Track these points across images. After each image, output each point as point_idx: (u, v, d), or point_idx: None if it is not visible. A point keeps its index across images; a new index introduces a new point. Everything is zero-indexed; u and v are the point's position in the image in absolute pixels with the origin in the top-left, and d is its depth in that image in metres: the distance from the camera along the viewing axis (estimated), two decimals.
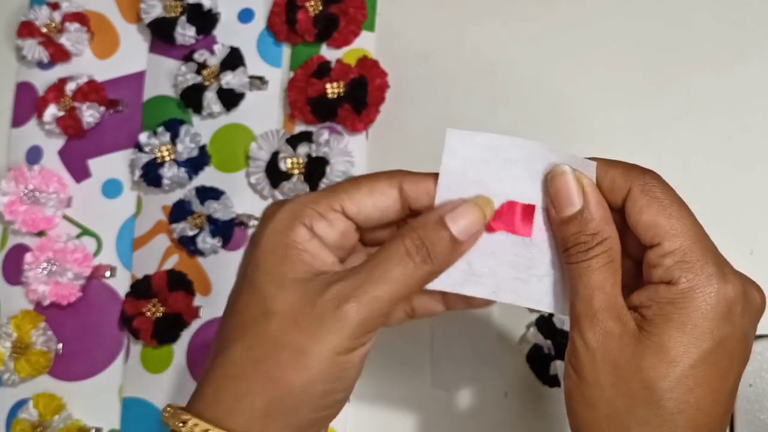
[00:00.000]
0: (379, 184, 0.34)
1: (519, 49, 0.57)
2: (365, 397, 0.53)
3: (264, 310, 0.32)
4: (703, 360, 0.30)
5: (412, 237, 0.32)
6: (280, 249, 0.33)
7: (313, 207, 0.33)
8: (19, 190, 0.57)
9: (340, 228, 0.34)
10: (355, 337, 0.31)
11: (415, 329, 0.53)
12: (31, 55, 0.60)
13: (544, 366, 0.50)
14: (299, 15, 0.57)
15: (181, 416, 0.32)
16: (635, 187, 0.32)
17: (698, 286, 0.30)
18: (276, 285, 0.32)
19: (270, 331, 0.32)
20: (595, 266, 0.31)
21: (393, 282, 0.31)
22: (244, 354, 0.32)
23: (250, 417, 0.31)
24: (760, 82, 0.54)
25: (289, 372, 0.31)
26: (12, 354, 0.55)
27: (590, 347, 0.31)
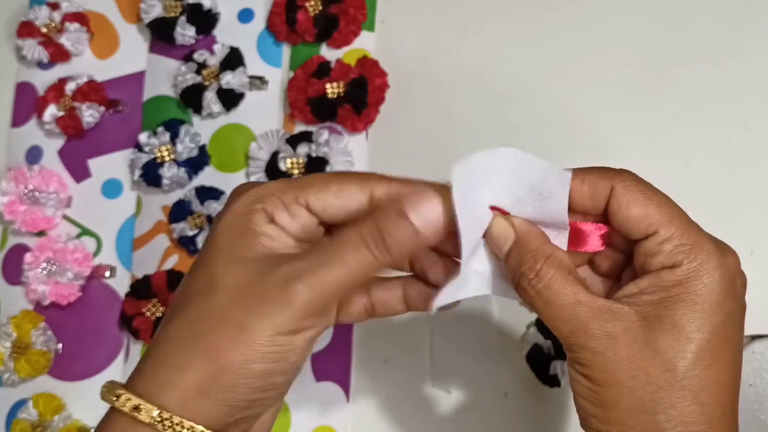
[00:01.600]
0: (348, 187, 0.33)
1: (519, 49, 0.57)
2: (365, 397, 0.53)
3: (210, 284, 0.32)
4: (717, 334, 0.30)
5: (369, 226, 0.31)
6: (236, 229, 0.32)
7: (278, 195, 0.33)
8: (19, 190, 0.57)
9: (301, 221, 0.33)
10: (299, 319, 0.31)
11: (415, 329, 0.53)
12: (31, 55, 0.60)
13: (544, 366, 0.50)
14: (299, 15, 0.57)
15: (115, 390, 0.31)
16: (617, 186, 0.32)
17: (702, 264, 0.31)
18: (226, 261, 0.32)
19: (213, 306, 0.31)
20: (557, 286, 0.31)
21: (344, 266, 0.31)
22: (185, 327, 0.31)
23: (184, 393, 0.30)
24: (760, 82, 0.54)
25: (228, 347, 0.30)
26: (12, 354, 0.55)
27: (597, 352, 0.31)
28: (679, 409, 0.30)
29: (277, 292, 0.30)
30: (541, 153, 0.38)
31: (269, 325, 0.30)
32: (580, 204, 0.33)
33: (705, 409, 0.30)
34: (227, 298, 0.31)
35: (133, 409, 0.30)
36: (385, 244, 0.31)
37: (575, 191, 0.33)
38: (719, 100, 0.54)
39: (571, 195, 0.33)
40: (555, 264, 0.32)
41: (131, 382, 0.32)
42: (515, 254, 0.32)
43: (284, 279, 0.31)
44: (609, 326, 0.31)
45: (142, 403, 0.30)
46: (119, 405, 0.31)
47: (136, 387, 0.31)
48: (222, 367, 0.30)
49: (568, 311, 0.31)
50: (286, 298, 0.30)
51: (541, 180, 0.33)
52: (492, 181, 0.33)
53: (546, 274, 0.31)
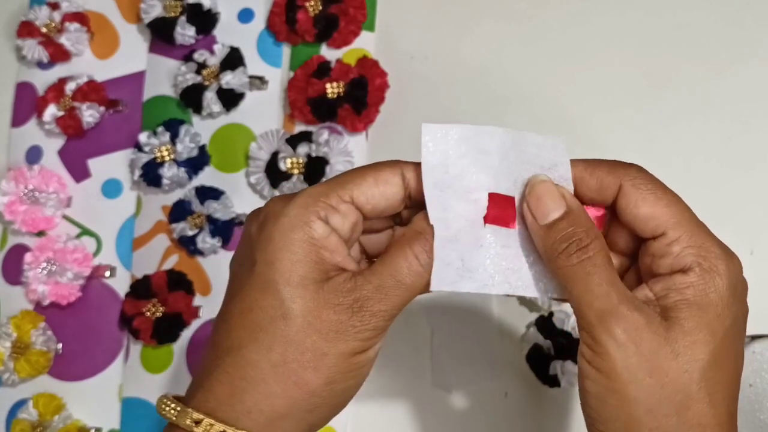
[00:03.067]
0: (383, 173, 0.34)
1: (519, 49, 0.57)
2: (365, 397, 0.53)
3: (283, 311, 0.32)
4: (727, 337, 0.31)
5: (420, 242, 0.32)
6: (296, 246, 0.32)
7: (324, 200, 0.33)
8: (19, 190, 0.57)
9: (351, 220, 0.34)
10: (370, 339, 0.33)
11: (415, 329, 0.54)
12: (31, 55, 0.60)
13: (544, 366, 0.50)
14: (299, 15, 0.57)
15: (192, 415, 0.32)
16: (626, 183, 0.32)
17: (712, 268, 0.31)
18: (294, 286, 0.32)
19: (290, 334, 0.32)
20: (600, 263, 0.31)
21: (404, 289, 0.32)
22: (263, 355, 0.32)
23: (269, 418, 0.32)
24: (760, 83, 0.54)
25: (310, 374, 0.32)
26: (12, 354, 0.55)
27: (621, 343, 0.30)
28: (695, 410, 0.30)
29: (348, 320, 0.32)
30: None
31: (346, 349, 0.32)
32: (587, 196, 0.33)
33: (717, 410, 0.31)
34: (303, 327, 0.32)
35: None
36: None
37: (583, 183, 0.33)
38: (719, 101, 0.54)
39: (579, 187, 0.33)
40: (602, 244, 0.32)
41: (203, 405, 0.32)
42: (565, 224, 0.32)
43: (353, 309, 0.32)
44: (636, 315, 0.30)
45: (227, 428, 0.31)
46: (201, 430, 0.31)
47: (212, 411, 0.32)
48: (306, 392, 0.32)
49: (605, 289, 0.31)
50: (357, 327, 0.32)
51: (537, 153, 0.33)
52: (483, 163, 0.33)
53: (593, 249, 0.31)
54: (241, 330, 0.33)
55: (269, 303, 0.32)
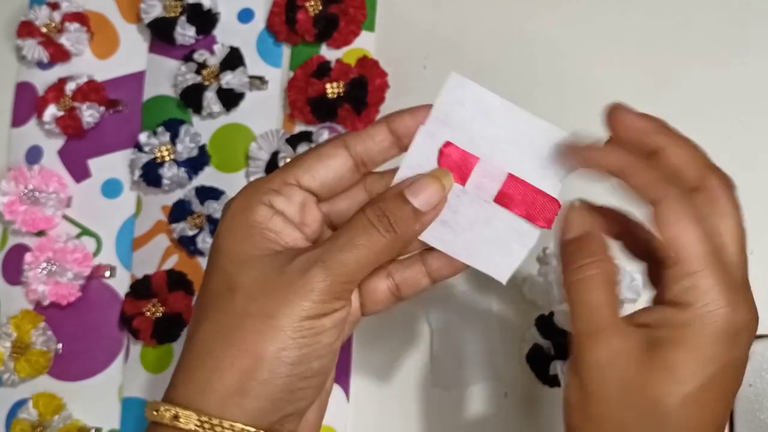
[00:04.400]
0: (324, 149, 0.35)
1: (519, 49, 0.57)
2: (365, 397, 0.53)
3: (229, 286, 0.32)
4: (709, 382, 0.31)
5: (374, 208, 0.33)
6: (240, 229, 0.33)
7: (267, 185, 0.34)
8: (19, 190, 0.57)
9: (298, 200, 0.34)
10: (323, 302, 0.32)
11: (415, 329, 0.54)
12: (31, 55, 0.60)
13: (544, 366, 0.50)
14: (299, 15, 0.57)
15: (154, 406, 0.32)
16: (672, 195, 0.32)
17: (709, 314, 0.31)
18: (240, 262, 0.33)
19: (236, 303, 0.32)
20: (596, 285, 0.33)
21: (358, 248, 0.32)
22: (211, 330, 0.32)
23: (222, 394, 0.31)
24: (761, 82, 0.54)
25: (257, 338, 0.31)
26: (12, 354, 0.55)
27: (598, 363, 0.31)
28: None
29: (297, 280, 0.31)
30: None
31: (294, 310, 0.31)
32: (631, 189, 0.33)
33: None
34: (250, 294, 0.32)
35: (173, 419, 0.31)
36: (391, 224, 0.33)
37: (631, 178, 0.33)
38: (719, 100, 0.54)
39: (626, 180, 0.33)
40: (605, 267, 0.33)
41: (168, 395, 0.33)
42: (576, 245, 0.34)
43: (302, 268, 0.32)
44: (616, 341, 0.32)
45: (179, 410, 0.31)
46: (158, 418, 0.31)
47: (174, 398, 0.32)
48: (256, 359, 0.31)
49: (594, 310, 0.32)
50: (306, 284, 0.31)
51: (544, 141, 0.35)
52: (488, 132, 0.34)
53: (594, 270, 0.33)
54: (198, 314, 0.33)
55: (218, 283, 0.33)
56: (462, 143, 0.34)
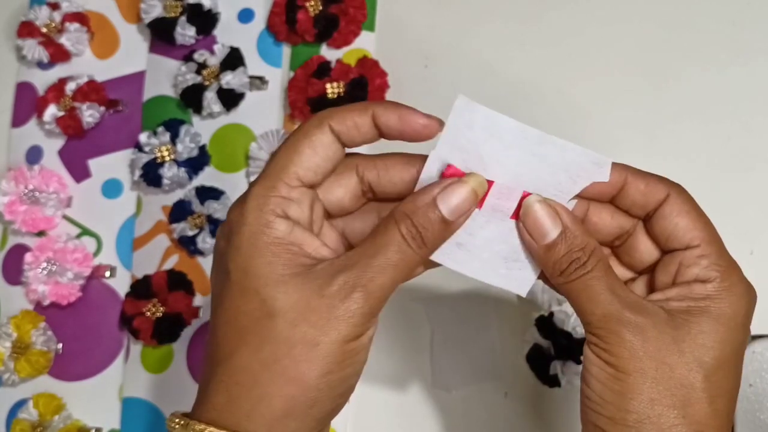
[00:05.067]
0: (313, 138, 0.34)
1: (519, 49, 0.57)
2: (365, 397, 0.53)
3: (266, 311, 0.32)
4: (735, 354, 0.32)
5: (407, 224, 0.32)
6: (266, 249, 0.32)
7: (275, 194, 0.33)
8: (19, 190, 0.57)
9: (307, 203, 0.34)
10: (362, 324, 0.32)
11: (415, 329, 0.54)
12: (31, 55, 0.60)
13: (544, 366, 0.50)
14: (299, 15, 0.57)
15: (195, 426, 0.32)
16: (674, 193, 0.34)
17: (733, 286, 0.33)
18: (273, 285, 0.32)
19: (277, 331, 0.31)
20: (599, 275, 0.33)
21: (394, 269, 0.32)
22: (253, 358, 0.32)
23: (270, 419, 0.31)
24: (761, 82, 0.54)
25: (304, 367, 0.31)
26: (12, 354, 0.55)
27: (628, 341, 0.32)
28: (696, 408, 0.31)
29: (338, 306, 0.31)
30: None
31: (338, 337, 0.31)
32: (631, 197, 0.34)
33: (717, 414, 0.32)
34: (291, 320, 0.31)
35: None
36: (423, 240, 0.32)
37: (631, 185, 0.34)
38: (719, 100, 0.54)
39: (627, 187, 0.34)
40: (600, 255, 0.33)
41: (206, 416, 0.32)
42: (562, 244, 0.33)
43: (342, 293, 0.32)
44: (640, 319, 0.32)
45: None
46: None
47: (218, 421, 0.32)
48: (302, 386, 0.31)
49: (607, 296, 0.32)
50: (347, 311, 0.31)
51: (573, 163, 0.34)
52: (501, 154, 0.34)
53: (592, 263, 0.33)
54: (230, 337, 0.33)
55: (252, 306, 0.32)
56: (474, 166, 0.34)
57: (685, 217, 0.33)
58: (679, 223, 0.33)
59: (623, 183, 0.34)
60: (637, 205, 0.34)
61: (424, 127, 0.34)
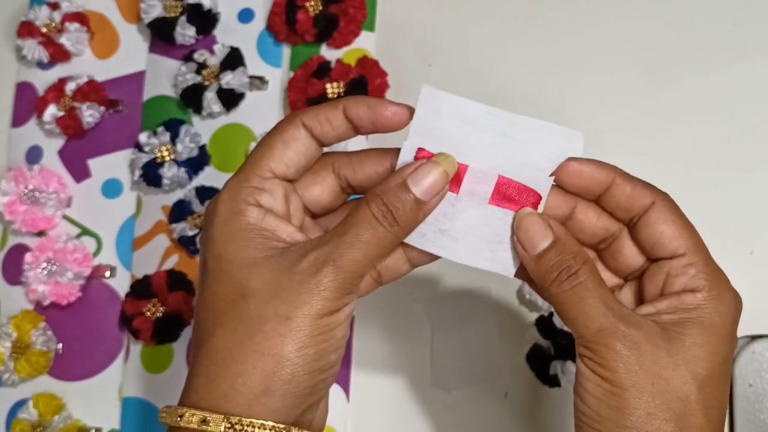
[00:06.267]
0: (286, 133, 0.35)
1: (519, 49, 0.57)
2: (365, 397, 0.53)
3: (240, 292, 0.32)
4: (725, 362, 0.32)
5: (377, 203, 0.33)
6: (238, 234, 0.33)
7: (247, 185, 0.34)
8: (19, 190, 0.57)
9: (280, 192, 0.35)
10: (335, 299, 0.32)
11: (415, 329, 0.54)
12: (31, 55, 0.60)
13: (544, 366, 0.50)
14: (299, 15, 0.57)
15: (177, 411, 0.32)
16: (659, 201, 0.33)
17: (722, 294, 0.33)
18: (246, 267, 0.33)
19: (251, 309, 0.32)
20: (592, 286, 0.33)
21: (365, 245, 0.32)
22: (229, 337, 0.32)
23: (248, 396, 0.31)
24: (761, 83, 0.54)
25: (277, 341, 0.31)
26: (12, 354, 0.55)
27: (623, 355, 0.32)
28: (692, 420, 0.31)
29: (309, 281, 0.32)
30: None
31: (310, 310, 0.32)
32: (616, 199, 0.34)
33: (712, 424, 0.32)
34: (263, 298, 0.32)
35: (201, 422, 0.31)
36: (395, 219, 0.33)
37: (618, 187, 0.34)
38: (719, 101, 0.54)
39: (614, 188, 0.34)
40: (592, 267, 0.33)
41: (190, 401, 0.33)
42: (553, 253, 0.33)
43: (313, 268, 0.32)
44: (634, 332, 0.32)
45: (208, 414, 0.31)
46: (185, 423, 0.31)
47: (198, 403, 0.32)
48: (278, 361, 0.31)
49: (600, 310, 0.32)
50: (318, 284, 0.32)
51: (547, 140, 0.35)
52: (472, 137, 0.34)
53: (584, 273, 0.33)
54: (208, 321, 0.33)
55: (227, 290, 0.33)
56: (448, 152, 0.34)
57: (671, 225, 0.33)
58: (664, 231, 0.33)
59: (611, 183, 0.34)
60: (622, 207, 0.34)
61: (393, 114, 0.35)
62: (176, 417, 0.32)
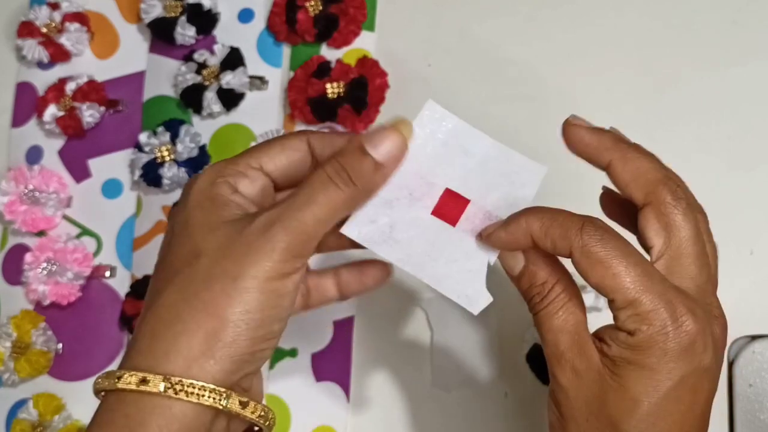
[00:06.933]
0: (289, 141, 0.36)
1: (519, 49, 0.57)
2: (365, 397, 0.53)
3: (194, 251, 0.33)
4: (664, 398, 0.31)
5: (332, 164, 0.33)
6: (206, 201, 0.34)
7: (233, 166, 0.35)
8: (19, 190, 0.57)
9: (260, 184, 0.35)
10: (285, 261, 0.32)
11: (415, 329, 0.54)
12: (31, 55, 0.60)
13: (544, 366, 0.50)
14: (299, 15, 0.57)
15: (115, 374, 0.32)
16: (575, 252, 0.32)
17: (653, 335, 0.31)
18: (204, 229, 0.33)
19: (200, 267, 0.32)
20: (553, 311, 0.33)
21: (317, 204, 0.32)
22: (177, 295, 0.32)
23: (188, 356, 0.31)
24: (761, 82, 0.54)
25: (224, 300, 0.31)
26: (12, 354, 0.55)
27: (563, 387, 0.33)
28: None
29: (259, 240, 0.32)
30: (541, 153, 0.38)
31: (259, 272, 0.31)
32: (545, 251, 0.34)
33: None
34: (213, 258, 0.32)
35: (140, 383, 0.31)
36: (350, 177, 0.33)
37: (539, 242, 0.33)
38: (719, 100, 0.54)
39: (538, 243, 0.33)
40: (561, 289, 0.33)
41: (129, 362, 0.32)
42: (525, 280, 0.34)
43: (263, 228, 0.32)
44: (577, 362, 0.32)
45: (147, 375, 0.31)
46: (123, 384, 0.31)
47: (138, 365, 0.32)
48: (222, 322, 0.31)
49: (553, 336, 0.33)
50: (266, 243, 0.32)
51: (516, 170, 0.36)
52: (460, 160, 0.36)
53: (549, 299, 0.33)
54: (161, 279, 0.33)
55: (184, 250, 0.33)
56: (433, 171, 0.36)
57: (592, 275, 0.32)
58: (589, 281, 0.32)
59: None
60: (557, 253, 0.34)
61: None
62: (114, 379, 0.31)
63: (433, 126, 0.36)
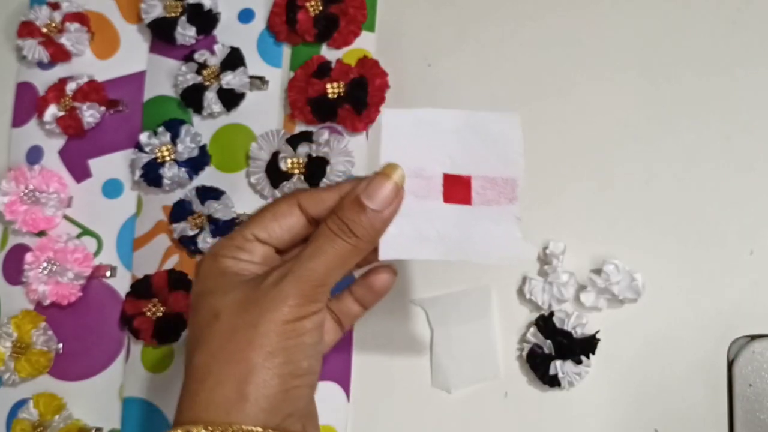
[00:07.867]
0: (279, 207, 0.38)
1: (519, 49, 0.57)
2: (365, 398, 0.53)
3: (214, 312, 0.35)
4: None
5: (333, 219, 0.36)
6: (216, 275, 0.37)
7: (229, 242, 0.38)
8: (20, 190, 0.58)
9: (259, 253, 0.38)
10: (299, 306, 0.35)
11: (415, 329, 0.54)
12: (32, 55, 0.60)
13: (544, 366, 0.50)
14: (299, 15, 0.57)
15: None
16: None
17: None
18: (221, 294, 0.36)
19: (222, 324, 0.35)
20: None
21: (325, 255, 0.35)
22: (205, 353, 0.35)
23: (225, 404, 0.33)
24: (760, 83, 0.54)
25: (247, 347, 0.34)
26: (12, 354, 0.55)
27: None
28: None
29: (273, 291, 0.35)
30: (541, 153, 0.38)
31: (275, 316, 0.34)
32: None
33: None
34: (233, 313, 0.35)
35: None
36: (351, 230, 0.35)
37: None
38: (719, 100, 0.54)
39: None
40: None
41: (177, 420, 0.35)
42: None
43: (276, 281, 0.35)
44: None
45: (190, 427, 0.33)
46: None
47: (182, 421, 0.34)
48: (250, 365, 0.33)
49: None
50: (280, 293, 0.35)
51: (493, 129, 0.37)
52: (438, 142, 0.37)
53: None
54: (191, 347, 0.36)
55: (203, 316, 0.36)
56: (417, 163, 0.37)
57: None
58: None
59: None
60: None
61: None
62: None
63: (398, 128, 0.37)
